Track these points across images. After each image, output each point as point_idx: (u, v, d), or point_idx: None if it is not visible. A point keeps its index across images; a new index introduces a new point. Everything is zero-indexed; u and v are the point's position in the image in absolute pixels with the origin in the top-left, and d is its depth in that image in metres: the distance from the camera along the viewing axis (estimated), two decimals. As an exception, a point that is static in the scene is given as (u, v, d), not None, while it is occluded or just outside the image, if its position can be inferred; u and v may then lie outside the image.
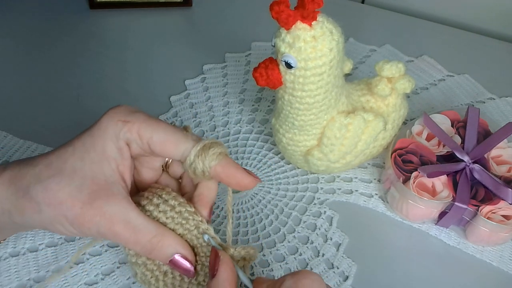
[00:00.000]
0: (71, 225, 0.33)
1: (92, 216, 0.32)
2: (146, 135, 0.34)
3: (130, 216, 0.33)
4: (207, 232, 0.35)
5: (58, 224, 0.33)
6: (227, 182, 0.35)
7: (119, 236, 0.33)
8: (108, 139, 0.34)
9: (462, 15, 0.70)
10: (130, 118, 0.35)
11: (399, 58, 0.63)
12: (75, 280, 0.40)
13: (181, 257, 0.34)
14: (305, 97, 0.41)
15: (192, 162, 0.34)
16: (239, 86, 0.59)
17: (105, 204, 0.33)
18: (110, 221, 0.33)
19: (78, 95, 0.57)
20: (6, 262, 0.41)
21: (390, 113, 0.46)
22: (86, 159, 0.34)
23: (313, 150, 0.45)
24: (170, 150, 0.35)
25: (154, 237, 0.34)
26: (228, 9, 0.70)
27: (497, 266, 0.43)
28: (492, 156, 0.45)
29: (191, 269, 0.34)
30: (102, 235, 0.33)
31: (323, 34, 0.38)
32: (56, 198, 0.32)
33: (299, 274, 0.29)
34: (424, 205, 0.43)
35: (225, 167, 0.35)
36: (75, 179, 0.33)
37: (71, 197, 0.32)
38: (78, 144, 0.34)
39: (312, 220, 0.46)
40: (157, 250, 0.34)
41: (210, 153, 0.34)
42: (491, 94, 0.58)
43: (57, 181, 0.33)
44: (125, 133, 0.34)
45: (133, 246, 0.34)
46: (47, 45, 0.63)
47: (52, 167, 0.34)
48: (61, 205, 0.32)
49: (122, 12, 0.68)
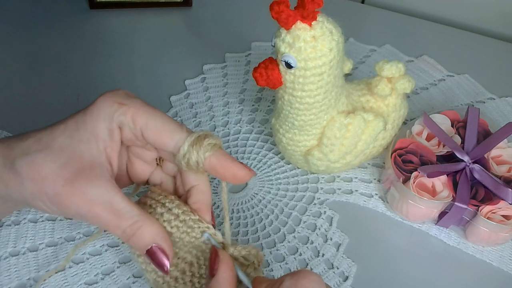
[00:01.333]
0: (51, 202, 0.32)
1: (71, 195, 0.32)
2: (141, 121, 0.34)
3: (113, 199, 0.32)
4: (207, 230, 0.34)
5: (39, 201, 0.33)
6: (222, 174, 0.34)
7: (99, 218, 0.32)
8: (100, 119, 0.33)
9: (462, 15, 0.70)
10: (126, 101, 0.34)
11: (399, 58, 0.63)
12: (75, 280, 0.40)
13: (159, 249, 0.33)
14: (305, 97, 0.41)
15: (186, 153, 0.33)
16: (239, 86, 0.59)
17: (87, 185, 0.32)
18: (91, 203, 0.32)
19: (78, 95, 0.57)
20: (6, 261, 0.41)
21: (390, 113, 0.46)
22: (75, 138, 0.33)
23: (313, 150, 0.45)
24: (164, 139, 0.34)
25: (136, 222, 0.33)
26: (228, 9, 0.70)
27: (497, 266, 0.43)
28: (492, 156, 0.46)
29: (166, 264, 0.33)
30: (82, 216, 0.32)
31: (323, 34, 0.38)
32: (40, 173, 0.32)
33: (299, 274, 0.29)
34: (424, 205, 0.43)
35: (220, 158, 0.34)
36: (61, 156, 0.32)
37: (54, 174, 0.32)
38: (71, 122, 0.34)
39: (312, 220, 0.46)
40: (136, 237, 0.33)
41: (205, 144, 0.33)
42: (491, 94, 0.58)
43: (43, 155, 0.32)
44: (119, 116, 0.33)
45: (113, 230, 0.33)
46: (47, 45, 0.63)
47: (42, 142, 0.33)
48: (43, 181, 0.32)
49: (122, 12, 0.68)
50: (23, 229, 0.43)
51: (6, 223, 0.44)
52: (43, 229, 0.44)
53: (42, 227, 0.44)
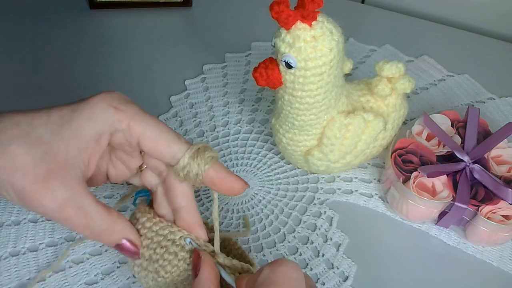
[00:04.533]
0: (15, 195, 0.31)
1: (40, 195, 0.30)
2: (138, 129, 0.33)
3: (84, 202, 0.32)
4: (189, 236, 0.34)
5: (3, 189, 0.31)
6: (219, 187, 0.34)
7: (70, 221, 0.32)
8: (91, 119, 0.32)
9: (462, 15, 0.70)
10: (122, 107, 0.33)
11: (399, 58, 0.63)
12: (75, 280, 0.40)
13: (128, 242, 0.34)
14: (305, 97, 0.41)
15: (186, 165, 0.33)
16: (239, 86, 0.59)
17: (60, 186, 0.31)
18: (61, 204, 0.31)
19: (78, 95, 0.57)
20: (6, 261, 0.41)
21: (390, 113, 0.46)
22: (57, 134, 0.31)
23: (313, 150, 0.45)
24: (161, 149, 0.33)
25: (105, 223, 0.32)
26: (228, 9, 0.70)
27: (497, 266, 0.43)
28: (492, 156, 0.46)
29: (137, 252, 0.34)
30: (47, 215, 0.31)
31: (323, 34, 0.38)
32: (12, 162, 0.30)
33: (276, 262, 0.29)
34: (424, 205, 0.43)
35: (218, 171, 0.34)
36: (38, 149, 0.31)
37: (27, 167, 0.30)
38: (55, 116, 0.32)
39: (312, 220, 0.46)
40: (106, 235, 0.33)
41: (205, 156, 0.34)
42: (491, 94, 0.58)
43: (19, 145, 0.30)
44: (114, 122, 0.32)
45: (82, 230, 0.32)
46: (47, 45, 0.63)
47: (19, 128, 0.31)
48: (14, 172, 0.30)
49: (122, 12, 0.68)
50: (23, 229, 0.43)
51: (6, 223, 0.44)
52: (43, 229, 0.44)
53: (42, 227, 0.44)
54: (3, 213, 0.44)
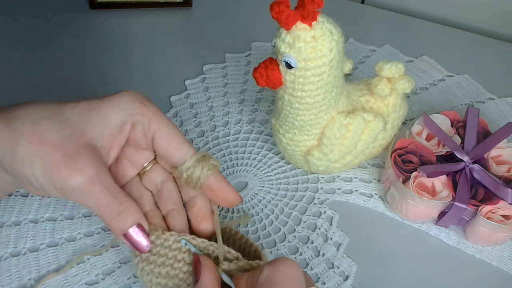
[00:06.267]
0: (42, 170, 0.31)
1: (72, 170, 0.31)
2: (156, 126, 0.35)
3: (108, 181, 0.33)
4: (185, 238, 0.35)
5: (28, 166, 0.31)
6: (216, 195, 0.36)
7: (95, 197, 0.32)
8: (118, 108, 0.34)
9: (462, 15, 0.70)
10: (147, 103, 0.35)
11: (399, 58, 0.63)
12: (76, 280, 0.41)
13: (140, 229, 0.34)
14: (305, 97, 0.41)
15: (190, 167, 0.35)
16: (239, 86, 0.59)
17: (89, 162, 0.32)
18: (90, 179, 0.31)
19: (78, 95, 0.57)
20: (7, 262, 0.41)
21: (390, 113, 0.46)
22: (84, 117, 0.33)
23: (313, 150, 0.45)
24: (172, 149, 0.35)
25: (125, 202, 0.33)
26: (228, 9, 0.70)
27: (497, 266, 0.43)
28: (492, 156, 0.46)
29: (146, 242, 0.34)
30: (73, 190, 0.31)
31: (323, 34, 0.38)
32: (41, 138, 0.31)
33: (276, 261, 0.30)
34: (424, 205, 0.43)
35: (218, 179, 0.36)
36: (66, 129, 0.32)
37: (57, 143, 0.31)
38: (83, 103, 0.34)
39: (312, 220, 0.46)
40: (122, 218, 0.33)
41: (210, 162, 0.36)
42: (490, 94, 0.59)
43: (48, 123, 0.32)
44: (138, 114, 0.34)
45: (103, 210, 0.33)
46: (47, 45, 0.63)
47: (48, 109, 0.33)
48: (43, 146, 0.31)
49: (122, 12, 0.68)
50: (23, 230, 0.44)
51: (7, 223, 0.44)
52: (43, 229, 0.44)
53: (42, 228, 0.44)
54: (3, 214, 0.44)
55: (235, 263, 0.34)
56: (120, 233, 0.34)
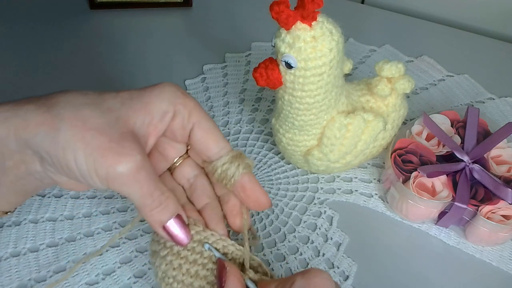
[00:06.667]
0: (85, 155, 0.29)
1: (119, 155, 0.30)
2: (196, 118, 0.34)
3: (151, 170, 0.32)
4: (207, 242, 0.34)
5: (70, 151, 0.30)
6: (248, 196, 0.35)
7: (140, 184, 0.31)
8: (160, 98, 0.33)
9: (462, 15, 0.70)
10: (187, 95, 0.35)
11: (399, 58, 0.63)
12: (76, 280, 0.40)
13: (179, 220, 0.33)
14: (305, 97, 0.41)
15: (226, 163, 0.34)
16: (239, 86, 0.59)
17: (135, 148, 0.30)
18: (137, 167, 0.30)
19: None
20: (7, 262, 0.41)
21: (390, 113, 0.46)
22: (126, 104, 0.32)
23: (313, 150, 0.45)
24: (209, 142, 0.35)
25: (166, 192, 0.32)
26: (228, 9, 0.70)
27: (497, 266, 0.43)
28: (492, 156, 0.46)
29: (187, 233, 0.34)
30: (118, 176, 0.30)
31: (323, 34, 0.38)
32: (85, 123, 0.30)
33: (309, 273, 0.29)
34: (424, 205, 0.43)
35: (251, 179, 0.35)
36: (109, 116, 0.31)
37: (101, 129, 0.30)
38: (124, 92, 0.33)
39: (312, 220, 0.46)
40: (162, 209, 0.32)
41: (245, 161, 0.35)
42: (490, 94, 0.59)
43: (91, 109, 0.30)
44: (180, 104, 0.34)
45: (144, 199, 0.31)
46: (47, 45, 0.63)
47: (88, 97, 0.31)
48: (87, 131, 0.30)
49: (122, 13, 0.68)
50: (23, 230, 0.44)
51: (7, 223, 0.44)
52: (43, 229, 0.44)
53: (42, 228, 0.44)
54: (3, 213, 0.45)
55: (259, 275, 0.33)
56: (160, 225, 0.33)
